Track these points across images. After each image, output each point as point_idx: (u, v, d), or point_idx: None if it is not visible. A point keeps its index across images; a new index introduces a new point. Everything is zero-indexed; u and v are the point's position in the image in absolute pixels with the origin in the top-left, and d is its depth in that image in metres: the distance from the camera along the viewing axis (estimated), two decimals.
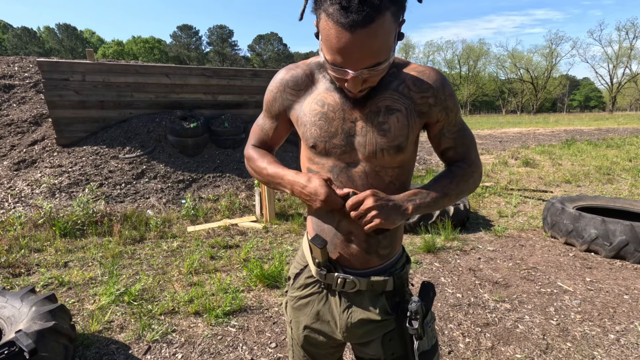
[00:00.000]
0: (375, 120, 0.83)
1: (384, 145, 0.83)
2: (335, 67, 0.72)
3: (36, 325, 1.61)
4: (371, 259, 0.89)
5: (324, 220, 0.90)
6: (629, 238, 3.11)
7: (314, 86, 0.88)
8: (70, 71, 5.54)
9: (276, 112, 0.95)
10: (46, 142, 5.74)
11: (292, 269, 1.04)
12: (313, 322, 0.96)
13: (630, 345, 2.07)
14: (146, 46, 63.90)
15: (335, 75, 0.75)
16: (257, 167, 0.96)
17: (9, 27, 58.46)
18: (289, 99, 0.91)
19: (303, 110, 0.87)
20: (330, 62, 0.72)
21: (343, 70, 0.71)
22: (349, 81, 0.73)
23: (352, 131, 0.84)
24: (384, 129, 0.82)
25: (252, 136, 1.02)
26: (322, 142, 0.85)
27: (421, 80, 0.84)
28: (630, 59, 53.22)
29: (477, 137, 15.38)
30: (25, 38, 56.95)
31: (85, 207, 3.94)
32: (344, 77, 0.73)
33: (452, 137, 0.92)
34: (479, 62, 63.25)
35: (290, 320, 1.02)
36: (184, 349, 2.06)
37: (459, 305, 2.52)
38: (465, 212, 4.03)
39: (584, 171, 7.22)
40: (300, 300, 0.98)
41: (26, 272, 2.98)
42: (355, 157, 0.85)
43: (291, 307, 1.01)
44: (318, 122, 0.84)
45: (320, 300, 0.95)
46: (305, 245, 0.98)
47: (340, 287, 0.89)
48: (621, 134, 15.53)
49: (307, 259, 0.96)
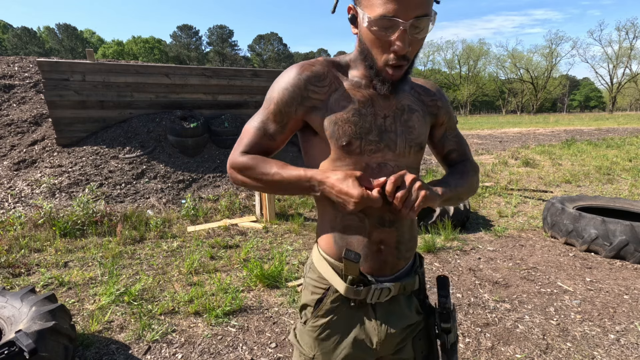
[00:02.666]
0: (402, 117, 0.85)
1: (412, 142, 0.85)
2: (386, 18, 0.69)
3: (36, 325, 1.61)
4: (399, 263, 0.88)
5: (351, 233, 0.84)
6: (629, 238, 3.11)
7: (337, 83, 0.83)
8: (70, 71, 5.54)
9: (291, 114, 0.83)
10: (46, 142, 5.75)
11: (308, 297, 0.91)
12: (352, 349, 0.87)
13: (630, 345, 2.07)
14: (146, 46, 63.91)
15: (381, 34, 0.72)
16: (262, 173, 0.82)
17: (9, 27, 58.45)
18: (313, 98, 0.81)
19: (331, 109, 0.81)
20: (381, 14, 0.69)
21: (394, 21, 0.69)
22: (399, 36, 0.70)
23: (384, 127, 0.83)
24: (409, 125, 0.85)
25: (244, 142, 0.86)
26: (358, 139, 0.80)
27: (426, 87, 0.93)
28: (630, 59, 53.24)
29: (477, 137, 15.38)
30: (25, 38, 56.95)
31: (85, 207, 3.94)
32: (394, 30, 0.70)
33: (453, 139, 0.98)
34: (479, 62, 63.27)
35: (314, 355, 0.89)
36: (184, 349, 2.06)
37: (459, 305, 2.52)
38: (465, 212, 4.03)
39: (584, 171, 7.22)
40: (328, 330, 0.87)
41: (26, 272, 2.98)
42: (386, 155, 0.83)
43: (314, 338, 0.88)
44: (352, 119, 0.80)
45: (353, 322, 0.87)
46: (324, 264, 0.87)
47: (376, 298, 0.84)
48: (621, 134, 15.53)
49: (328, 279, 0.86)
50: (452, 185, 0.87)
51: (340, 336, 0.87)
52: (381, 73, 0.78)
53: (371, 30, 0.72)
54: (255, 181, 0.84)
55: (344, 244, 0.85)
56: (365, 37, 0.75)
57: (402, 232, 0.86)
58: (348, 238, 0.84)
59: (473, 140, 14.21)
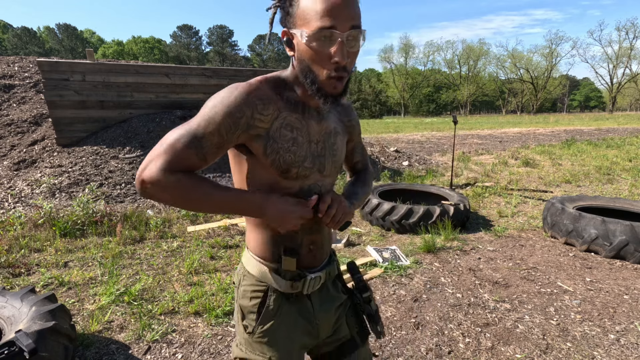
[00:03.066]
0: (330, 141, 0.94)
1: (336, 163, 0.97)
2: (324, 30, 0.73)
3: (36, 325, 1.61)
4: (323, 257, 1.00)
5: (286, 240, 0.92)
6: (629, 238, 3.11)
7: (279, 109, 0.84)
8: (70, 71, 5.54)
9: (232, 140, 0.81)
10: (46, 142, 5.75)
11: (247, 304, 0.94)
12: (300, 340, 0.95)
13: (630, 345, 2.07)
14: (146, 46, 63.91)
15: (321, 48, 0.75)
16: (200, 193, 0.79)
17: (9, 27, 58.44)
18: (258, 126, 0.81)
19: (273, 137, 0.83)
20: (319, 27, 0.73)
21: (333, 33, 0.73)
22: (338, 47, 0.74)
23: (317, 152, 0.91)
24: (335, 148, 0.95)
25: (170, 159, 0.76)
26: (296, 168, 0.86)
27: (345, 108, 1.03)
28: (630, 59, 53.24)
29: (477, 137, 15.38)
30: (25, 38, 56.94)
31: (85, 207, 3.94)
32: (333, 43, 0.75)
33: (360, 152, 1.16)
34: (479, 62, 63.30)
35: (270, 357, 0.92)
36: (184, 349, 2.06)
37: (459, 305, 2.52)
38: (465, 212, 4.03)
39: (584, 171, 7.22)
40: (277, 330, 0.93)
41: (26, 272, 2.98)
42: (316, 177, 0.92)
43: (265, 343, 0.92)
44: (292, 148, 0.85)
45: (296, 315, 0.95)
46: (261, 268, 0.93)
47: (312, 288, 0.95)
48: (621, 134, 15.54)
49: (268, 280, 0.92)
50: (361, 194, 1.07)
51: (289, 332, 0.94)
52: (323, 88, 0.80)
53: (310, 46, 0.75)
54: (187, 202, 0.80)
55: (280, 248, 0.92)
56: (305, 54, 0.78)
57: (324, 234, 0.98)
58: (283, 244, 0.92)
59: (473, 140, 14.22)
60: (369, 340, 1.12)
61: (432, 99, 72.15)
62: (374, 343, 2.11)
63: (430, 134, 17.61)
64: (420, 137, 16.15)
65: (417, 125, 27.56)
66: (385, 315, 2.40)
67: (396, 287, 2.78)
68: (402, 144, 12.95)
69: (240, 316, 0.95)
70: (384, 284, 2.81)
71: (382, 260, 3.18)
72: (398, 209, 3.95)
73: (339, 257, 3.30)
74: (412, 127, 24.20)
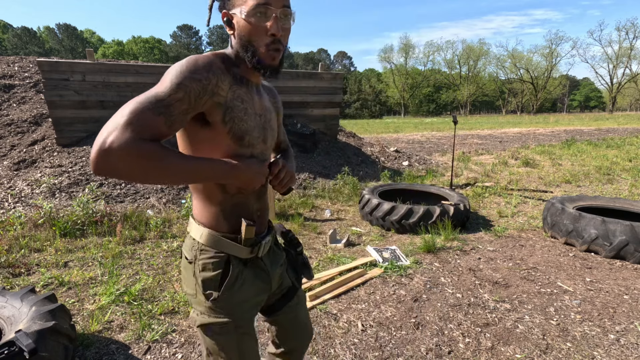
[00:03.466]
0: (267, 117, 1.05)
1: (273, 138, 1.10)
2: (261, 6, 0.85)
3: (36, 325, 1.61)
4: (267, 221, 1.15)
5: (240, 208, 1.01)
6: (629, 238, 3.11)
7: (232, 81, 0.91)
8: (70, 71, 5.54)
9: (199, 106, 0.84)
10: (46, 142, 5.75)
11: (210, 275, 0.98)
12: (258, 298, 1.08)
13: (630, 345, 2.07)
14: (146, 46, 63.90)
15: (259, 22, 0.87)
16: (170, 161, 0.78)
17: (9, 27, 58.44)
18: (220, 94, 0.87)
19: (230, 106, 0.89)
20: (257, 3, 0.85)
21: (268, 8, 0.86)
22: (274, 21, 0.87)
23: (261, 124, 1.01)
24: (271, 124, 1.08)
25: (139, 126, 0.74)
26: (248, 136, 0.95)
27: (270, 88, 1.17)
28: (630, 59, 53.23)
29: (477, 137, 15.38)
30: (25, 38, 56.95)
31: (85, 207, 3.94)
32: (268, 17, 0.87)
33: (283, 132, 1.30)
34: (479, 62, 63.26)
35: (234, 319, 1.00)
36: (184, 349, 2.06)
37: (459, 305, 2.52)
38: (465, 212, 4.03)
39: (584, 171, 7.22)
40: (239, 293, 1.01)
41: (26, 272, 2.98)
42: (262, 147, 1.03)
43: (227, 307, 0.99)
44: (244, 118, 0.93)
45: (254, 277, 1.05)
46: (219, 241, 0.98)
47: (264, 251, 1.08)
48: (621, 134, 15.54)
49: (228, 251, 0.99)
50: (291, 168, 1.17)
51: (249, 293, 1.03)
52: (263, 60, 0.90)
53: (249, 21, 0.87)
54: (155, 172, 0.77)
55: (236, 218, 1.00)
56: (244, 30, 0.88)
57: (266, 201, 1.11)
58: (238, 212, 1.01)
59: (473, 140, 14.21)
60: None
61: (432, 99, 72.10)
62: (374, 343, 2.11)
63: (430, 134, 17.61)
64: (420, 137, 16.14)
65: (417, 125, 27.56)
66: (385, 315, 2.40)
67: (396, 287, 2.78)
68: (402, 144, 12.95)
69: (199, 288, 0.99)
70: (384, 284, 2.81)
71: (382, 260, 3.18)
72: (398, 209, 3.95)
73: (338, 256, 3.30)
74: (412, 127, 24.19)
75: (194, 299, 1.02)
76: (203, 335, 1.02)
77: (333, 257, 3.31)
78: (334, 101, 7.77)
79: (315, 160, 6.84)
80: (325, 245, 3.64)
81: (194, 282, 1.00)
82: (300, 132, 6.99)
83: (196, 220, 1.02)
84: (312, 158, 6.89)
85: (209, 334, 1.00)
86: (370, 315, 2.40)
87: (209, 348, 1.03)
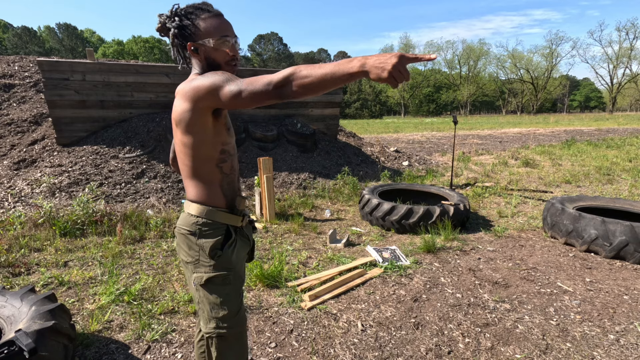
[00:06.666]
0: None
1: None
2: (225, 37, 1.19)
3: (36, 325, 1.61)
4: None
5: (232, 186, 1.31)
6: (628, 238, 3.11)
7: None
8: (71, 71, 5.54)
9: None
10: (46, 142, 5.74)
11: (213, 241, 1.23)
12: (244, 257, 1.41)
13: (630, 346, 2.07)
14: (146, 46, 63.83)
15: (224, 48, 1.19)
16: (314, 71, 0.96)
17: (9, 26, 58.42)
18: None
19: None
20: (221, 35, 1.18)
21: (234, 39, 1.21)
22: (233, 46, 1.21)
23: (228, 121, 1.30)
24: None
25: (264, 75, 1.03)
26: (230, 127, 1.30)
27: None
28: (631, 60, 53.24)
29: (477, 137, 15.38)
30: (26, 37, 56.92)
31: (85, 207, 3.94)
32: (229, 44, 1.20)
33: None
34: (479, 62, 63.27)
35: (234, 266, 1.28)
36: (183, 349, 2.06)
37: (458, 305, 2.52)
38: (465, 212, 4.03)
39: (584, 171, 7.22)
40: (235, 251, 1.30)
41: (26, 271, 2.98)
42: (233, 139, 1.32)
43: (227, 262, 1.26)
44: (226, 113, 1.27)
45: (242, 241, 1.36)
46: (221, 215, 1.27)
47: (245, 222, 1.38)
48: (621, 134, 15.53)
49: (228, 221, 1.28)
50: None
51: (241, 251, 1.35)
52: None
53: (217, 49, 1.19)
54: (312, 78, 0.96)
55: (231, 195, 1.31)
56: (213, 55, 1.20)
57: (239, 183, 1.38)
58: (231, 190, 1.31)
59: (473, 140, 14.21)
60: None
61: (432, 99, 72.04)
62: (374, 343, 2.11)
63: (430, 134, 17.61)
64: (420, 137, 16.14)
65: (417, 125, 27.55)
66: (385, 315, 2.40)
67: (396, 287, 2.78)
68: (402, 144, 12.95)
69: (204, 252, 1.24)
70: (383, 284, 2.81)
71: (382, 260, 3.18)
72: (398, 209, 3.95)
73: (338, 256, 3.31)
74: (412, 127, 24.19)
75: (196, 264, 1.25)
76: (206, 294, 1.25)
77: (333, 257, 3.31)
78: (334, 101, 7.77)
79: (315, 160, 6.84)
80: (325, 245, 3.64)
81: (197, 249, 1.24)
82: (300, 132, 6.98)
83: (196, 201, 1.26)
84: (312, 158, 6.89)
85: (213, 287, 1.25)
86: (370, 315, 2.40)
87: (211, 303, 1.25)
